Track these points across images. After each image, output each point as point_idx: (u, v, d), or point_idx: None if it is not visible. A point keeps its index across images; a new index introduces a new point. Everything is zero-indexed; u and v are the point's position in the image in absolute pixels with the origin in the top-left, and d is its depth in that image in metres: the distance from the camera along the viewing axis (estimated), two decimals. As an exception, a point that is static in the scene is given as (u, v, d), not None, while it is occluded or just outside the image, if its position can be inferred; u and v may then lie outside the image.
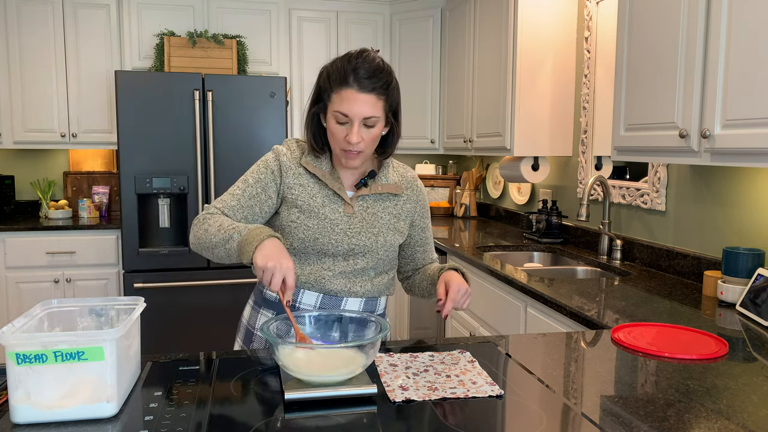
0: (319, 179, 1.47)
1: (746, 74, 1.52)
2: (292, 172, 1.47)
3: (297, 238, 1.44)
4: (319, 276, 1.47)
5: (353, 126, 1.36)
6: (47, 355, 0.97)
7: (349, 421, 0.99)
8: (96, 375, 0.99)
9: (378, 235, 1.47)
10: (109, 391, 1.00)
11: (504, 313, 2.31)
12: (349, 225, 1.45)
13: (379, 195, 1.50)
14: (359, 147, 1.38)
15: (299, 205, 1.45)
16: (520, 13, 2.96)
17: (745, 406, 1.07)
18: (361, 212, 1.47)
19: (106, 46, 3.86)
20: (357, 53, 1.38)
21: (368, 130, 1.38)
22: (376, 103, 1.36)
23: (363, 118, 1.35)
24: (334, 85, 1.37)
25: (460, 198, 4.16)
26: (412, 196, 1.55)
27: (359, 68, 1.34)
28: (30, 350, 0.97)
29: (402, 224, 1.53)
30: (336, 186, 1.46)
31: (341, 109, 1.35)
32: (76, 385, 0.99)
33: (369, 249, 1.47)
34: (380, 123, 1.39)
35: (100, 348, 0.99)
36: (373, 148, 1.42)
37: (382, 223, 1.49)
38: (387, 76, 1.38)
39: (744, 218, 1.99)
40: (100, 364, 0.99)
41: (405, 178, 1.56)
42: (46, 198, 4.03)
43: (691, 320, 1.65)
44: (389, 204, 1.51)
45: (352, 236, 1.45)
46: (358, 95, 1.34)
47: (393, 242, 1.50)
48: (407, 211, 1.54)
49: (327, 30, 4.18)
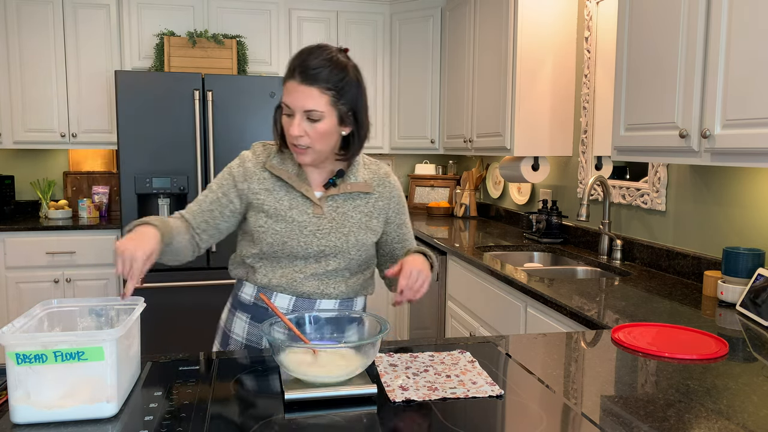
0: (285, 182, 1.46)
1: (746, 74, 1.52)
2: (257, 177, 1.46)
3: (266, 242, 1.43)
4: (291, 279, 1.46)
5: (295, 118, 1.35)
6: (47, 355, 0.97)
7: (349, 421, 0.99)
8: (96, 375, 0.99)
9: (348, 234, 1.46)
10: (109, 391, 1.00)
11: (504, 313, 2.31)
12: (318, 226, 1.44)
13: (349, 194, 1.48)
14: (303, 141, 1.36)
15: (266, 210, 1.44)
16: (520, 13, 2.96)
17: (745, 406, 1.07)
18: (330, 212, 1.46)
19: (106, 46, 3.86)
20: (311, 47, 1.37)
21: (312, 125, 1.35)
22: (319, 96, 1.34)
23: (304, 110, 1.34)
24: (284, 78, 1.38)
25: (460, 198, 4.16)
26: (385, 193, 1.53)
27: (306, 61, 1.34)
28: (30, 350, 0.97)
29: (375, 222, 1.51)
30: (303, 187, 1.44)
31: (285, 101, 1.36)
32: (76, 385, 0.99)
33: (340, 249, 1.45)
34: (328, 119, 1.36)
35: (100, 348, 0.99)
36: (325, 145, 1.39)
37: (353, 223, 1.47)
38: (339, 71, 1.36)
39: (744, 218, 1.99)
40: (100, 364, 0.99)
41: (377, 175, 1.53)
42: (46, 198, 4.03)
43: (691, 320, 1.65)
44: (360, 202, 1.49)
45: (322, 237, 1.44)
46: (299, 87, 1.34)
47: (365, 241, 1.48)
48: (380, 209, 1.52)
49: (327, 30, 4.18)
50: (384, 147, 4.37)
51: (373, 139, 4.34)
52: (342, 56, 1.39)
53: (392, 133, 4.36)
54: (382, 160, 4.72)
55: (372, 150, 4.36)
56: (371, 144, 4.33)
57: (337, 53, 1.38)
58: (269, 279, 1.47)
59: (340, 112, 1.38)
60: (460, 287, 2.82)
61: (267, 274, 1.48)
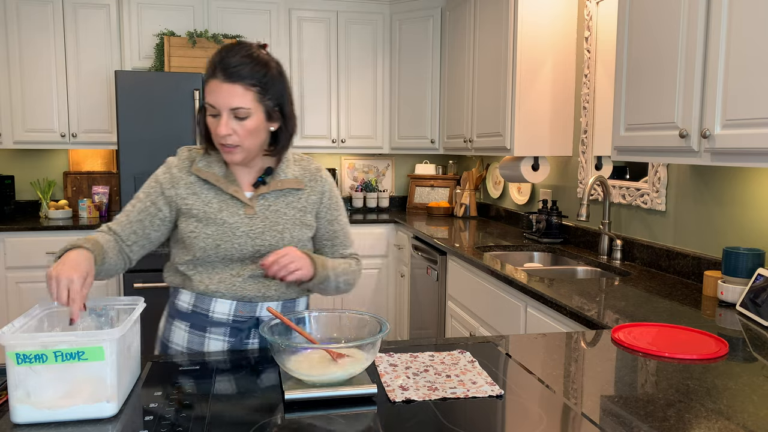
0: (213, 184, 1.43)
1: (746, 74, 1.52)
2: (184, 182, 1.43)
3: (198, 247, 1.40)
4: (230, 283, 1.43)
5: (221, 117, 1.33)
6: (47, 355, 0.97)
7: (349, 421, 0.99)
8: (96, 375, 0.99)
9: (283, 232, 1.44)
10: (110, 391, 1.00)
11: (504, 313, 2.31)
12: (250, 227, 1.42)
13: (280, 191, 1.46)
14: (232, 140, 1.34)
15: (195, 214, 1.41)
16: (520, 13, 2.96)
17: (745, 406, 1.07)
18: (262, 211, 1.44)
19: (106, 46, 3.86)
20: (230, 45, 1.36)
21: (240, 123, 1.34)
22: (244, 93, 1.32)
23: (230, 108, 1.32)
24: (206, 78, 1.36)
25: (460, 198, 4.16)
26: (317, 188, 1.51)
27: (226, 59, 1.32)
28: (30, 350, 0.97)
29: (309, 217, 1.49)
30: (232, 189, 1.42)
31: (209, 100, 1.34)
32: (76, 385, 0.99)
33: (276, 248, 1.43)
34: (255, 116, 1.35)
35: (101, 348, 0.99)
36: (254, 142, 1.38)
37: (287, 219, 1.45)
38: (261, 67, 1.34)
39: (744, 218, 1.99)
40: (100, 364, 0.99)
41: (308, 171, 1.52)
42: (46, 198, 4.03)
43: (691, 320, 1.65)
44: (293, 199, 1.47)
45: (256, 237, 1.41)
46: (222, 85, 1.32)
47: (301, 237, 1.46)
48: (312, 203, 1.50)
49: (327, 30, 4.18)
50: (384, 147, 4.37)
51: (373, 139, 4.34)
52: (262, 52, 1.38)
53: (392, 133, 4.36)
54: (382, 160, 4.72)
55: (372, 150, 4.36)
56: (371, 144, 4.33)
57: (258, 49, 1.37)
58: (206, 285, 1.43)
59: (267, 108, 1.37)
60: (460, 287, 2.82)
61: (203, 280, 1.43)
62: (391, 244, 4.08)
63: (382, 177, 4.74)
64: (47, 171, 4.22)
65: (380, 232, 4.05)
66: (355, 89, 4.28)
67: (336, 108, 4.26)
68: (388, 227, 4.07)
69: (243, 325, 1.46)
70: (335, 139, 4.27)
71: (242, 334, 1.46)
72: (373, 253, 4.05)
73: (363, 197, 4.54)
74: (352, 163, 4.68)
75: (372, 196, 4.53)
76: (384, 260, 4.08)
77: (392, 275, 4.10)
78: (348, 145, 4.30)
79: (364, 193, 4.55)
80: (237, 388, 1.13)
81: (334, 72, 4.22)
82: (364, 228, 4.03)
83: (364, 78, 4.28)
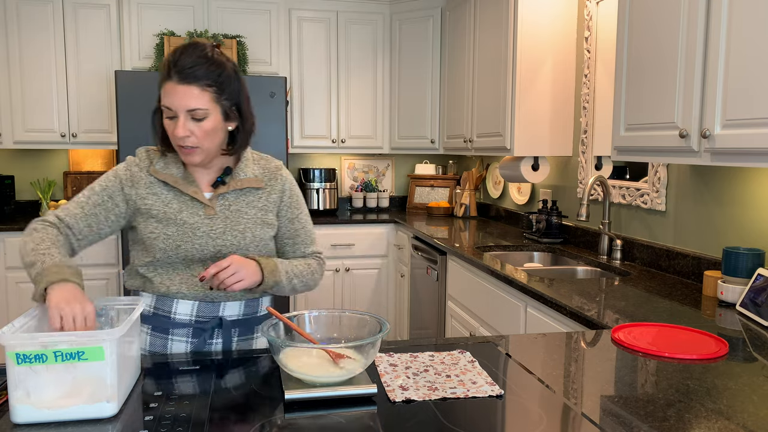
0: (172, 186, 1.42)
1: (746, 74, 1.52)
2: (144, 182, 1.43)
3: (158, 248, 1.40)
4: (191, 284, 1.43)
5: (179, 119, 1.33)
6: (47, 355, 0.97)
7: (349, 421, 0.99)
8: (96, 375, 0.99)
9: (245, 231, 1.44)
10: (109, 391, 1.00)
11: (504, 313, 2.31)
12: (211, 227, 1.41)
13: (240, 191, 1.46)
14: (190, 141, 1.34)
15: (155, 215, 1.40)
16: (520, 13, 2.96)
17: (745, 406, 1.07)
18: (223, 211, 1.43)
19: (106, 46, 3.86)
20: (183, 46, 1.35)
21: (198, 124, 1.33)
22: (200, 94, 1.32)
23: (187, 110, 1.32)
24: (161, 81, 1.35)
25: (460, 198, 4.16)
26: (277, 186, 1.50)
27: (179, 60, 1.32)
28: (30, 350, 0.97)
29: (270, 216, 1.49)
30: (191, 190, 1.42)
31: (165, 103, 1.33)
32: (76, 385, 0.99)
33: (238, 247, 1.43)
34: (213, 116, 1.35)
35: (101, 348, 0.99)
36: (213, 143, 1.37)
37: (248, 219, 1.45)
38: (216, 67, 1.34)
39: (744, 218, 1.99)
40: (100, 364, 0.99)
41: (267, 170, 1.51)
42: (46, 198, 4.03)
43: (691, 320, 1.65)
44: (253, 198, 1.47)
45: (216, 237, 1.41)
46: (178, 87, 1.31)
47: (262, 236, 1.46)
48: (273, 202, 1.50)
49: (327, 30, 4.18)
50: (384, 147, 4.37)
51: (373, 139, 4.34)
52: (217, 52, 1.38)
53: (392, 133, 4.36)
54: (382, 160, 4.72)
55: (372, 150, 4.36)
56: (371, 144, 4.33)
57: (211, 50, 1.37)
58: (167, 287, 1.43)
59: (224, 108, 1.37)
60: (460, 287, 2.82)
61: (164, 281, 1.43)
62: (391, 244, 4.08)
63: (382, 177, 4.74)
64: (47, 171, 4.22)
65: (380, 232, 4.05)
66: (355, 89, 4.28)
67: (336, 108, 4.26)
68: (388, 227, 4.07)
69: (206, 325, 1.45)
70: (335, 139, 4.27)
71: (205, 335, 1.45)
72: (373, 253, 4.05)
73: (363, 197, 4.54)
74: (352, 163, 4.68)
75: (372, 196, 4.53)
76: (384, 260, 4.08)
77: (392, 275, 4.10)
78: (348, 145, 4.30)
79: (364, 193, 4.55)
80: (237, 388, 1.13)
81: (334, 72, 4.22)
82: (364, 228, 4.03)
83: (364, 78, 4.28)
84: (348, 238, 4.00)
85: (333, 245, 3.98)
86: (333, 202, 4.30)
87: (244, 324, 1.50)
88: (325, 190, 4.26)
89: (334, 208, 4.31)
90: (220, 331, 1.47)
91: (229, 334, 1.46)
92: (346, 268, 4.01)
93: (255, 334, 1.54)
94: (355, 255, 4.03)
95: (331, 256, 4.00)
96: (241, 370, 1.23)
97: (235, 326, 1.48)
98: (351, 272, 4.03)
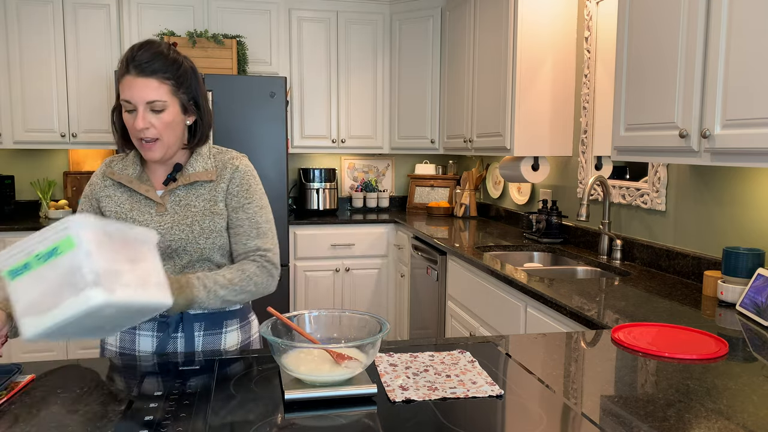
0: (127, 186, 1.47)
1: (746, 74, 1.52)
2: (100, 186, 1.49)
3: None
4: None
5: (138, 112, 1.36)
6: (30, 262, 1.00)
7: (349, 421, 0.99)
8: (75, 265, 1.00)
9: (192, 224, 1.45)
10: (89, 277, 0.99)
11: (504, 313, 2.31)
12: (159, 223, 1.44)
13: (191, 185, 1.48)
14: (150, 134, 1.38)
15: (108, 216, 1.46)
16: (520, 12, 2.96)
17: (745, 406, 1.07)
18: (173, 207, 1.46)
19: (106, 46, 3.86)
20: (140, 43, 1.39)
21: (157, 116, 1.38)
22: (158, 87, 1.36)
23: (146, 102, 1.36)
24: (119, 76, 1.39)
25: (460, 198, 4.16)
26: (226, 175, 1.50)
27: (137, 56, 1.36)
28: (15, 264, 1.00)
29: (220, 206, 1.49)
30: (143, 188, 1.46)
31: (124, 96, 1.37)
32: (62, 281, 1.00)
33: (187, 240, 1.44)
34: (171, 108, 1.39)
35: (69, 238, 0.99)
36: (172, 136, 1.41)
37: (196, 212, 1.46)
38: (173, 62, 1.39)
39: (744, 218, 1.99)
40: (73, 253, 0.99)
41: (221, 162, 1.52)
42: (46, 198, 4.03)
43: (691, 320, 1.65)
44: (204, 191, 1.49)
45: (165, 233, 1.43)
46: (137, 79, 1.36)
47: (212, 227, 1.46)
48: (221, 191, 1.49)
49: (327, 30, 4.18)
50: (384, 147, 4.37)
51: (373, 139, 4.34)
52: (173, 50, 1.42)
53: (392, 133, 4.36)
54: (382, 160, 4.72)
55: (372, 150, 4.36)
56: (371, 144, 4.33)
57: (168, 47, 1.41)
58: None
59: (182, 101, 1.42)
60: (460, 287, 2.82)
61: None
62: (391, 244, 4.08)
63: (382, 177, 4.74)
64: (47, 171, 4.22)
65: (380, 232, 4.05)
66: (355, 89, 4.28)
67: (336, 108, 4.26)
68: (388, 227, 4.07)
69: (169, 319, 1.48)
70: (335, 139, 4.27)
71: (169, 329, 1.48)
72: (373, 253, 4.05)
73: (363, 197, 4.54)
74: (352, 163, 4.68)
75: (372, 196, 4.53)
76: (384, 260, 4.08)
77: (392, 275, 4.10)
78: (348, 145, 4.30)
79: (364, 193, 4.55)
80: (237, 387, 1.13)
81: (334, 72, 4.22)
82: (364, 228, 4.03)
83: (364, 78, 4.28)
84: (348, 238, 4.00)
85: (333, 245, 3.98)
86: (333, 202, 4.30)
87: (209, 318, 1.51)
88: (325, 190, 4.26)
89: (334, 208, 4.31)
90: (182, 324, 1.48)
91: (192, 329, 1.48)
92: (346, 268, 4.01)
93: (224, 329, 1.54)
94: (355, 255, 4.03)
95: (331, 256, 4.00)
96: (241, 369, 1.23)
97: (198, 320, 1.49)
98: (351, 272, 4.03)
